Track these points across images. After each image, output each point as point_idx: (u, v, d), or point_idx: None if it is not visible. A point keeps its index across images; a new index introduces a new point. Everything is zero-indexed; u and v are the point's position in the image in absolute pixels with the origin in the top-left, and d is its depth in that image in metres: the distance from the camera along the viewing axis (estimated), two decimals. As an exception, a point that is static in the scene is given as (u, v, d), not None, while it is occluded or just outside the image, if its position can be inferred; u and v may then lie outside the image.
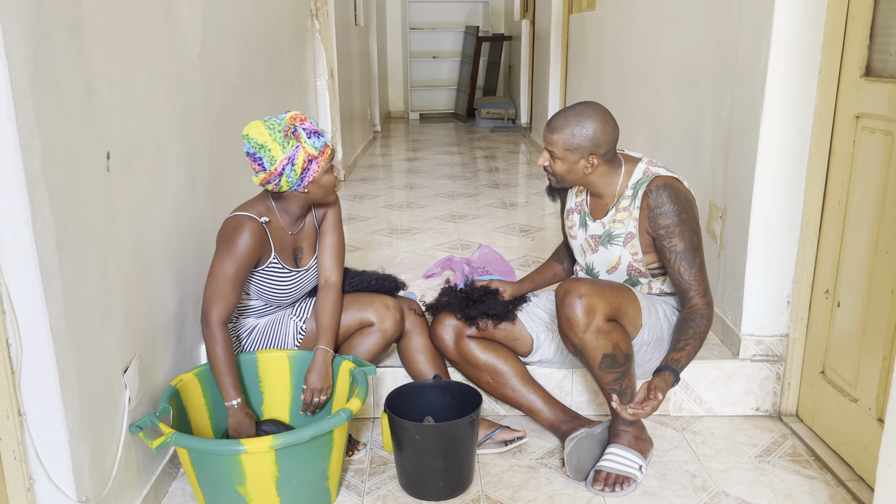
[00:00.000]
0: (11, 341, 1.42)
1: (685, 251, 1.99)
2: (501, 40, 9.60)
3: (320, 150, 1.95)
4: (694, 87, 2.84)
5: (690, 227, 1.99)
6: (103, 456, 1.66)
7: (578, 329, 1.93)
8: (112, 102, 1.69)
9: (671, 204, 1.98)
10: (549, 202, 4.97)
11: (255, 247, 1.97)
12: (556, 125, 1.98)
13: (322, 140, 1.96)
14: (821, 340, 2.20)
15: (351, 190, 5.42)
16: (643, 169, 2.06)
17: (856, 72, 2.00)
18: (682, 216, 1.98)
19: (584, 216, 2.16)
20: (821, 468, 2.09)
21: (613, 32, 4.39)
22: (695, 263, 1.99)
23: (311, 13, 4.73)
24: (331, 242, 2.19)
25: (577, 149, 1.97)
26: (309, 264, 2.17)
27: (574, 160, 1.99)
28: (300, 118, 1.95)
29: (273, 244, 2.05)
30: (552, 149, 1.99)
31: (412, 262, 3.58)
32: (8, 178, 1.34)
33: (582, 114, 1.97)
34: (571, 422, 2.17)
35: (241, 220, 1.98)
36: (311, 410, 2.04)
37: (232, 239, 1.95)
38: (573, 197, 2.22)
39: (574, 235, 2.20)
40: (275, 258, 2.06)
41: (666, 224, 1.99)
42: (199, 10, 2.37)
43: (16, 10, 1.31)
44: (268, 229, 2.03)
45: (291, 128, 1.92)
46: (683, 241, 1.99)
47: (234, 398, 1.94)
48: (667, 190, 1.99)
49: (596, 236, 2.12)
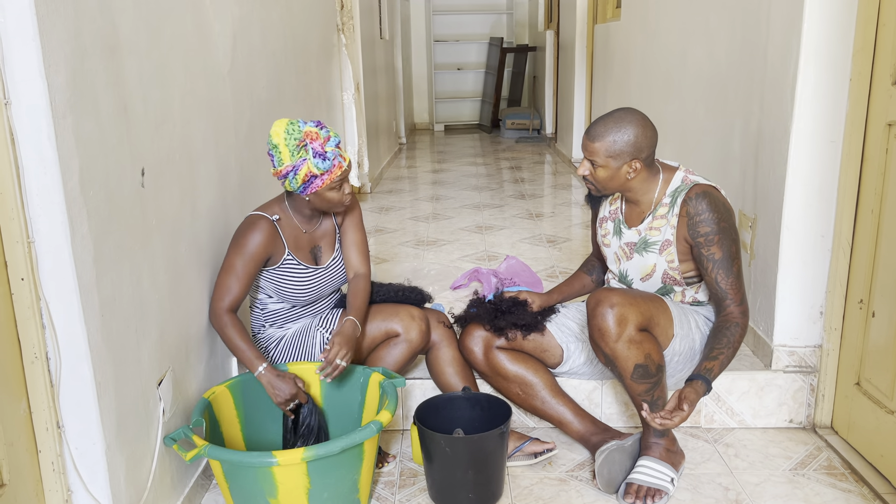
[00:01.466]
0: (51, 355, 1.45)
1: (723, 260, 1.98)
2: (526, 51, 9.61)
3: (324, 171, 1.98)
4: (722, 96, 2.82)
5: (729, 235, 1.99)
6: (139, 468, 1.68)
7: (610, 339, 1.92)
8: (146, 120, 1.73)
9: (711, 212, 1.97)
10: (576, 212, 4.95)
11: (263, 243, 2.03)
12: (596, 133, 1.98)
13: (328, 163, 1.97)
14: (855, 351, 2.17)
15: (377, 202, 5.45)
16: (682, 177, 2.05)
17: (887, 79, 1.98)
18: (721, 224, 1.97)
19: (618, 224, 2.16)
20: (857, 481, 2.06)
21: (639, 42, 4.38)
22: (732, 272, 1.98)
23: (337, 28, 4.79)
24: (354, 240, 2.25)
25: (619, 154, 1.97)
26: (328, 262, 2.20)
27: (616, 166, 1.99)
28: (314, 135, 1.97)
29: (286, 241, 2.11)
30: (593, 158, 1.99)
31: (439, 273, 3.59)
32: (48, 197, 1.37)
33: (621, 119, 1.97)
34: (602, 434, 2.16)
35: (253, 219, 2.07)
36: (329, 374, 1.99)
37: (241, 236, 2.05)
38: (607, 205, 2.22)
39: (608, 243, 2.20)
40: (289, 255, 2.11)
41: (705, 232, 1.98)
42: (230, 27, 2.42)
43: (56, 35, 1.35)
44: (279, 227, 2.09)
45: (304, 141, 1.97)
46: (722, 250, 1.98)
47: (258, 365, 1.99)
48: (706, 198, 1.98)
49: (631, 244, 2.11)
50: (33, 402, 1.46)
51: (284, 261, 2.10)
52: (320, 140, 1.97)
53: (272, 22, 3.03)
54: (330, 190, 2.03)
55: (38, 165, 1.35)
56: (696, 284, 2.10)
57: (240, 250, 2.03)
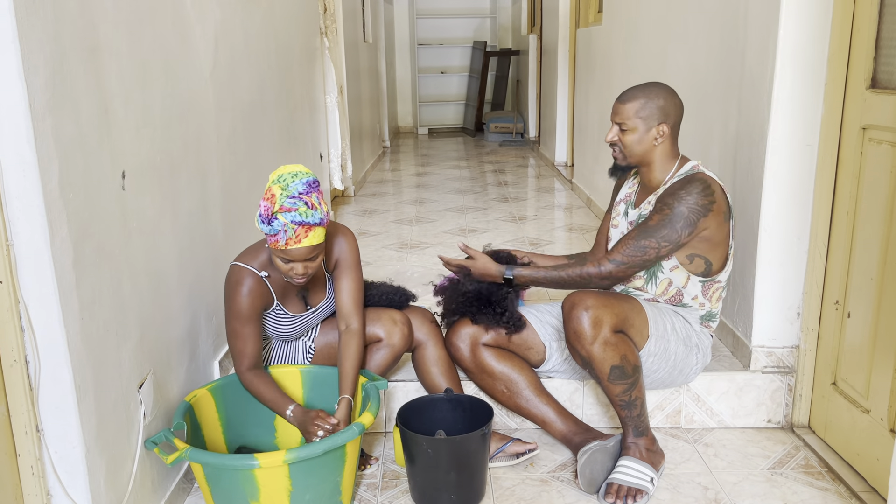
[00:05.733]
0: (30, 358, 1.45)
1: (649, 228, 2.01)
2: (509, 55, 9.66)
3: (266, 234, 1.86)
4: (702, 99, 2.86)
5: (678, 223, 2.00)
6: (119, 471, 1.68)
7: (586, 341, 1.94)
8: (127, 122, 1.73)
9: (691, 195, 2.00)
10: (559, 215, 4.98)
11: (254, 301, 1.98)
12: (627, 96, 2.09)
13: (270, 229, 1.83)
14: (832, 351, 2.20)
15: (360, 205, 5.45)
16: (693, 165, 2.12)
17: (861, 84, 2.01)
18: (684, 211, 2.00)
19: (628, 206, 2.23)
20: (834, 480, 2.08)
21: (620, 46, 4.42)
22: (639, 243, 2.01)
23: (320, 31, 4.78)
24: (347, 287, 2.10)
25: (649, 116, 2.05)
26: (317, 306, 2.15)
27: (645, 129, 2.06)
28: (272, 198, 1.83)
29: (275, 294, 2.05)
30: (622, 120, 2.07)
31: (422, 276, 3.60)
32: (27, 199, 1.37)
33: (651, 87, 2.09)
34: (584, 434, 2.17)
35: (241, 276, 1.97)
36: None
37: (232, 297, 1.97)
38: (625, 188, 2.29)
39: (616, 224, 2.26)
40: (278, 306, 2.07)
41: (666, 203, 2.02)
42: (212, 30, 2.41)
43: (35, 36, 1.34)
44: (269, 282, 2.01)
45: (269, 193, 1.85)
46: (658, 224, 2.01)
47: (287, 408, 1.97)
48: (698, 183, 2.02)
49: (632, 223, 2.18)
50: (12, 406, 1.45)
51: (273, 310, 2.08)
52: (275, 206, 1.82)
53: (255, 25, 3.03)
54: (276, 256, 1.90)
55: (17, 167, 1.35)
56: (681, 270, 2.10)
57: (234, 313, 1.97)
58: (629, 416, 2.03)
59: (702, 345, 2.19)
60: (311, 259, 1.91)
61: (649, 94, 2.07)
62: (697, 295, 2.14)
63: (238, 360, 2.02)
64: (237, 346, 2.00)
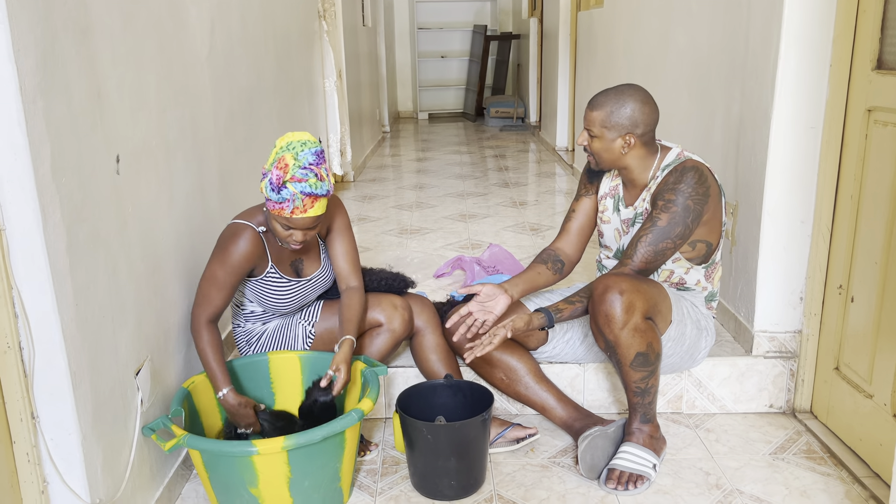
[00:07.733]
0: (24, 344, 1.43)
1: (661, 230, 1.98)
2: (510, 39, 9.59)
3: (273, 200, 1.86)
4: (704, 82, 2.83)
5: (687, 217, 1.98)
6: (116, 458, 1.66)
7: (616, 325, 1.91)
8: (121, 106, 1.70)
9: (687, 186, 1.97)
10: (560, 200, 4.96)
11: (248, 255, 1.97)
12: (596, 103, 2.01)
13: (278, 197, 1.84)
14: (835, 336, 2.18)
15: (360, 191, 5.42)
16: (676, 153, 2.07)
17: (867, 65, 1.98)
18: (687, 202, 1.97)
19: (617, 201, 2.17)
20: (836, 465, 2.07)
21: (622, 29, 4.37)
22: (657, 246, 1.98)
23: (318, 14, 4.74)
24: (343, 250, 2.16)
25: (615, 126, 1.99)
26: (312, 275, 2.14)
27: (611, 138, 2.00)
28: (284, 166, 1.84)
29: (270, 254, 2.04)
30: (591, 127, 2.02)
31: (422, 262, 3.58)
32: (18, 183, 1.34)
33: (623, 93, 2.00)
34: (584, 420, 2.16)
35: (239, 228, 1.98)
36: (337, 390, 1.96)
37: (226, 246, 1.96)
38: (608, 181, 2.23)
39: (607, 220, 2.21)
40: (272, 268, 2.05)
41: (668, 199, 1.98)
42: (208, 12, 2.38)
43: (25, 16, 1.32)
44: (265, 239, 2.01)
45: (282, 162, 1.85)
46: (668, 223, 1.98)
47: (221, 388, 1.94)
48: (692, 172, 1.99)
49: (628, 220, 2.14)
50: (6, 392, 1.44)
51: (267, 273, 2.06)
52: (288, 174, 1.83)
53: (252, 7, 2.99)
54: (277, 222, 1.92)
55: (8, 151, 1.32)
56: (683, 262, 2.09)
57: (223, 260, 1.95)
58: (640, 403, 2.01)
59: (709, 327, 2.18)
60: (312, 228, 1.94)
61: (618, 101, 1.98)
62: (700, 279, 2.13)
63: (202, 306, 1.96)
64: (210, 292, 1.95)
